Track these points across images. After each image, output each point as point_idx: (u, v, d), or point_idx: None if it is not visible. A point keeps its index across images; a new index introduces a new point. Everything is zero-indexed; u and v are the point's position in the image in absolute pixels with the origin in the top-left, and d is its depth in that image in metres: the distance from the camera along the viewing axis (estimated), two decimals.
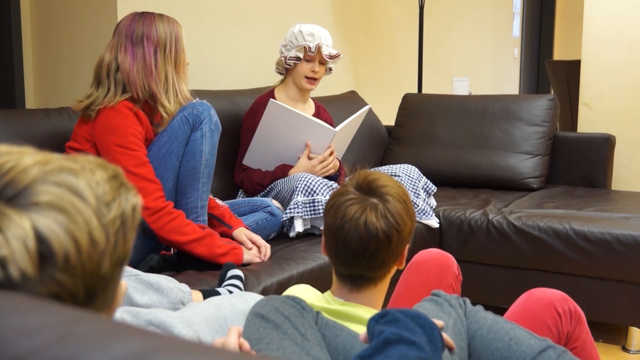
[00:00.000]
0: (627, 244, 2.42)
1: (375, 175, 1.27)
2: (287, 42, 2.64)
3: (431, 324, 1.07)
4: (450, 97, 3.50)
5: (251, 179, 2.56)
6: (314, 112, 2.79)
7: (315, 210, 2.32)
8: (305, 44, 2.59)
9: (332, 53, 2.64)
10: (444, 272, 1.66)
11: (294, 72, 2.67)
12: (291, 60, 2.63)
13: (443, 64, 4.78)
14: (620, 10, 3.40)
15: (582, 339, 1.50)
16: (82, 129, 1.99)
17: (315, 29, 2.63)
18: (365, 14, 4.07)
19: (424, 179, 2.68)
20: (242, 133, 2.66)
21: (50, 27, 2.71)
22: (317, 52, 2.61)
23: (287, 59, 2.63)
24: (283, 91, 2.73)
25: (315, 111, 2.79)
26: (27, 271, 0.61)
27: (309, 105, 2.80)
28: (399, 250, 1.26)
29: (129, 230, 0.69)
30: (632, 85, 3.40)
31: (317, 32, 2.62)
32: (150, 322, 1.40)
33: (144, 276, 1.60)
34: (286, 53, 2.64)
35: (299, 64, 2.64)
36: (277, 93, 2.72)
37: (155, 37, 1.99)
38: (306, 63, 2.63)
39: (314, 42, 2.60)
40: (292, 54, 2.62)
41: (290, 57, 2.62)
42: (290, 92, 2.72)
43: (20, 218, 0.61)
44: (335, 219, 1.23)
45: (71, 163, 0.66)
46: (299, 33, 2.62)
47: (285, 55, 2.64)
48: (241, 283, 1.84)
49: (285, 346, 1.10)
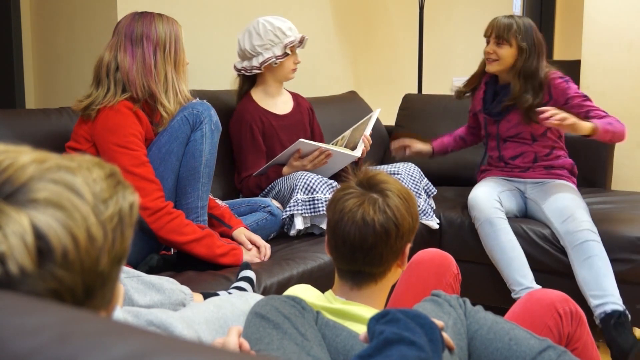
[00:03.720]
0: (627, 245, 2.42)
1: (377, 172, 1.29)
2: (265, 42, 2.56)
3: (431, 324, 1.07)
4: (450, 97, 3.49)
5: (249, 187, 2.57)
6: (293, 103, 2.77)
7: (315, 207, 2.31)
8: (291, 40, 2.55)
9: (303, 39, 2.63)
10: (443, 271, 1.66)
11: (278, 69, 2.62)
12: (279, 59, 2.57)
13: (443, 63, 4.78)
14: (620, 10, 3.40)
15: (582, 340, 1.50)
16: (82, 129, 1.99)
17: (285, 21, 2.60)
18: (365, 14, 4.07)
19: (425, 180, 2.68)
20: (234, 143, 2.61)
21: (50, 27, 2.71)
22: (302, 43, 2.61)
23: (275, 58, 2.56)
24: (261, 90, 2.68)
25: (293, 101, 2.78)
26: (26, 267, 0.61)
27: (287, 97, 2.77)
28: (398, 246, 1.26)
29: (127, 227, 0.69)
30: (632, 86, 3.40)
31: (291, 25, 2.60)
32: (150, 322, 1.40)
33: (146, 277, 1.60)
34: (267, 53, 2.57)
35: (285, 60, 2.60)
36: (254, 95, 2.68)
37: (155, 37, 1.99)
38: (290, 57, 2.61)
39: (296, 35, 2.58)
40: (278, 52, 2.56)
41: (278, 56, 2.56)
42: (269, 90, 2.68)
43: (18, 215, 0.62)
44: (335, 212, 1.25)
45: (68, 161, 0.67)
46: (277, 30, 2.55)
47: (271, 56, 2.56)
48: (250, 286, 1.84)
49: (285, 346, 1.10)
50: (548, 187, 2.61)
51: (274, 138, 2.64)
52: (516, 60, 2.55)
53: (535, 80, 2.53)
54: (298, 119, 2.73)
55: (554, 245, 2.48)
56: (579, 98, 2.53)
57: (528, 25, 2.57)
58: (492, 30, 2.58)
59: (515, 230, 2.55)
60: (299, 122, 2.73)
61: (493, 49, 2.58)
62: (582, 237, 2.35)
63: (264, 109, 2.65)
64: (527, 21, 2.58)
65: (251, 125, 2.59)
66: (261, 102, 2.66)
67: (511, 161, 2.69)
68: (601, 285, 2.28)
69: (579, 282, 2.34)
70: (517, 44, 2.53)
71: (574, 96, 2.53)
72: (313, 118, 2.84)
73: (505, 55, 2.56)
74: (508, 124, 2.63)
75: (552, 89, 2.54)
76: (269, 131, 2.63)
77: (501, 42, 2.55)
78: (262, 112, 2.64)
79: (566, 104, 2.53)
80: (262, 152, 2.60)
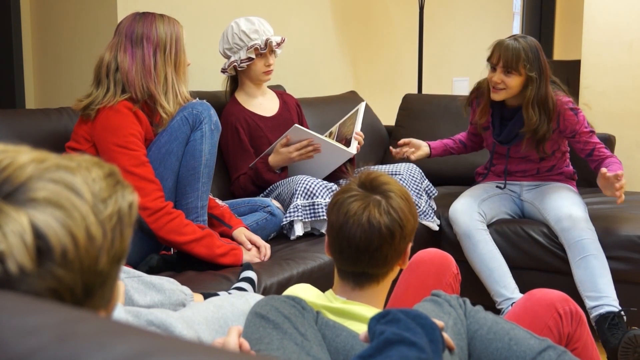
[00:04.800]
0: (627, 244, 2.42)
1: (378, 173, 1.29)
2: (232, 45, 2.55)
3: (432, 325, 1.07)
4: (450, 97, 3.49)
5: (240, 186, 2.55)
6: (279, 101, 2.75)
7: (315, 213, 2.31)
8: (254, 44, 2.52)
9: (278, 41, 2.58)
10: (443, 271, 1.66)
11: (249, 72, 2.60)
12: (244, 63, 2.55)
13: (443, 64, 4.78)
14: (620, 10, 3.40)
15: (583, 340, 1.50)
16: (81, 129, 1.99)
17: (256, 22, 2.55)
18: (365, 14, 4.07)
19: (426, 181, 2.67)
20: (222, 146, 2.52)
21: (50, 27, 2.71)
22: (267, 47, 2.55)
23: (240, 62, 2.55)
24: (243, 92, 2.68)
25: (279, 99, 2.76)
26: (26, 266, 0.61)
27: (271, 96, 2.76)
28: (401, 247, 1.26)
29: (126, 226, 0.69)
30: (632, 86, 3.40)
31: (259, 27, 2.54)
32: (150, 322, 1.40)
33: (146, 277, 1.60)
34: (234, 56, 2.56)
35: (252, 64, 2.57)
36: (238, 96, 2.67)
37: (155, 38, 1.99)
38: (259, 59, 2.56)
39: (261, 38, 2.53)
40: (243, 56, 2.54)
41: (242, 60, 2.54)
42: (249, 91, 2.67)
43: (17, 214, 0.62)
44: (339, 215, 1.24)
45: (67, 161, 0.67)
46: (241, 33, 2.52)
47: (236, 60, 2.55)
48: (251, 286, 1.84)
49: (285, 346, 1.10)
50: (544, 188, 2.62)
51: (262, 139, 2.62)
52: (524, 89, 2.47)
53: (547, 106, 2.48)
54: (286, 118, 2.72)
55: (555, 243, 2.48)
56: (586, 135, 2.51)
57: (535, 49, 2.46)
58: (499, 59, 2.46)
59: (515, 232, 2.55)
60: (288, 120, 2.72)
61: (501, 78, 2.47)
62: (577, 235, 2.35)
63: (250, 110, 2.64)
64: (532, 44, 2.47)
65: (236, 126, 2.58)
66: (245, 104, 2.65)
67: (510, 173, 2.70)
68: (597, 285, 2.29)
69: (576, 281, 2.35)
70: (526, 73, 2.44)
71: (582, 132, 2.51)
72: (301, 114, 2.83)
73: (514, 85, 2.47)
74: (517, 147, 2.61)
75: (561, 119, 2.51)
76: (256, 133, 2.62)
77: (510, 72, 2.45)
78: (248, 114, 2.63)
79: (572, 137, 2.52)
80: (248, 153, 2.59)
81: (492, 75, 2.50)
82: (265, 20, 2.60)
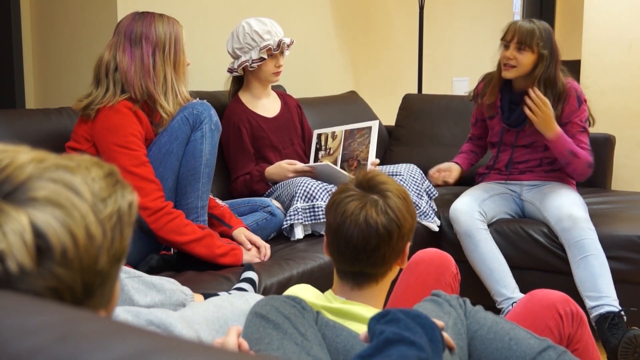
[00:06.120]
0: (627, 245, 2.42)
1: (375, 173, 1.29)
2: (243, 45, 2.55)
3: (432, 324, 1.07)
4: (450, 97, 3.49)
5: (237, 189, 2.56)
6: (281, 102, 2.76)
7: (315, 215, 2.31)
8: (267, 44, 2.52)
9: (289, 42, 2.60)
10: (443, 271, 1.66)
11: (258, 73, 2.61)
12: (255, 63, 2.56)
13: (443, 64, 4.78)
14: (620, 11, 3.40)
15: (583, 341, 1.50)
16: (81, 129, 1.99)
17: (268, 24, 2.56)
18: (365, 14, 4.07)
19: (427, 182, 2.67)
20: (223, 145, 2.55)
21: (50, 27, 2.71)
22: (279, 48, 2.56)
23: (251, 62, 2.55)
24: (247, 93, 2.68)
25: (281, 100, 2.77)
26: (25, 265, 0.61)
27: (274, 97, 2.77)
28: (400, 246, 1.26)
29: (126, 226, 0.69)
30: (632, 85, 3.40)
31: (271, 28, 2.55)
32: (150, 322, 1.40)
33: (147, 277, 1.60)
34: (245, 56, 2.56)
35: (263, 64, 2.58)
36: (242, 96, 2.67)
37: (154, 38, 1.99)
38: (270, 60, 2.58)
39: (273, 39, 2.54)
40: (255, 56, 2.54)
41: (254, 60, 2.55)
42: (255, 91, 2.67)
43: (17, 213, 0.62)
44: (336, 215, 1.24)
45: (67, 161, 0.67)
46: (254, 33, 2.53)
47: (247, 60, 2.55)
48: (252, 287, 1.84)
49: (285, 346, 1.10)
50: (544, 188, 2.62)
51: (264, 140, 2.63)
52: (535, 68, 2.50)
53: (555, 88, 2.51)
54: (287, 119, 2.73)
55: (555, 243, 2.48)
56: (577, 127, 2.54)
57: (548, 30, 2.53)
58: (514, 35, 2.50)
59: (515, 232, 2.55)
60: (289, 121, 2.72)
61: (514, 55, 2.50)
62: (578, 235, 2.35)
63: (253, 111, 2.64)
64: (546, 26, 2.54)
65: (239, 126, 2.58)
66: (249, 104, 2.66)
67: (514, 164, 2.69)
68: (597, 285, 2.29)
69: (576, 281, 2.35)
70: (539, 51, 2.48)
71: (574, 123, 2.53)
72: (302, 115, 2.84)
73: (526, 62, 2.50)
74: (524, 132, 2.62)
75: (566, 103, 2.53)
76: (259, 134, 2.62)
77: (523, 48, 2.49)
78: (251, 114, 2.63)
79: (564, 125, 2.53)
80: (249, 153, 2.59)
81: (504, 52, 2.54)
82: (276, 22, 2.61)
